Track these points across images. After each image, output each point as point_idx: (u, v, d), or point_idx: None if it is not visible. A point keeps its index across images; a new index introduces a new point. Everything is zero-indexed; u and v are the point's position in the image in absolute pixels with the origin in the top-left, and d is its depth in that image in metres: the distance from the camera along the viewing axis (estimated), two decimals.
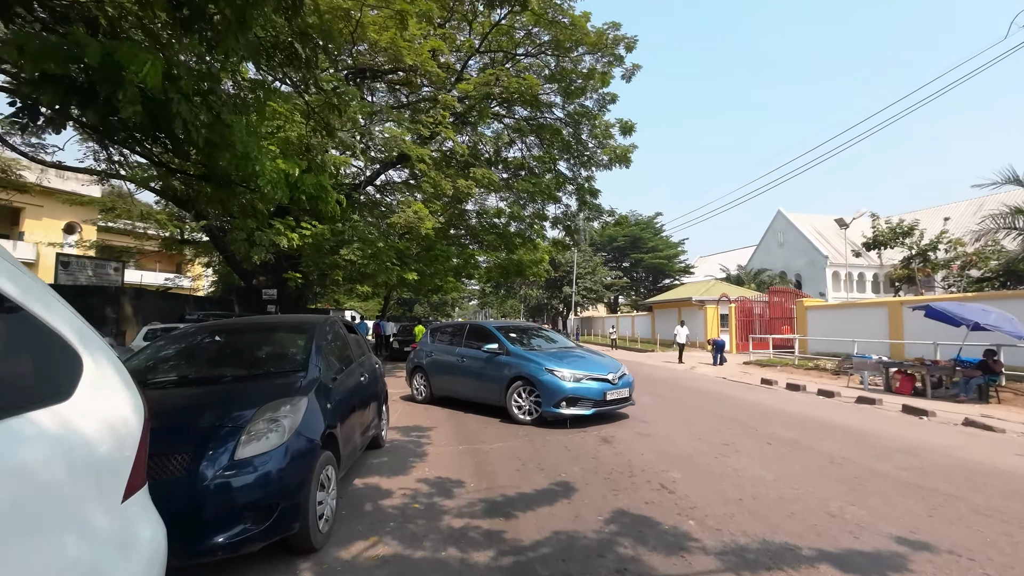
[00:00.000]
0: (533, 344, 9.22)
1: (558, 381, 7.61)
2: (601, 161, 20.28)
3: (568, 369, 7.78)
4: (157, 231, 24.49)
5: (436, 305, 58.66)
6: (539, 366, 7.85)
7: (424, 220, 13.05)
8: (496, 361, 8.48)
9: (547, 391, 7.60)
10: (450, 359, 9.43)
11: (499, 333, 8.89)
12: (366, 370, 5.56)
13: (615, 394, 7.91)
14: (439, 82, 14.95)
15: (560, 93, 19.52)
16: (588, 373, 7.84)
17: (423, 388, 10.03)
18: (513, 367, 8.16)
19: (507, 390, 8.14)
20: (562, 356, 8.36)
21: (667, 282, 51.01)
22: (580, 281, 41.17)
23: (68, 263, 17.92)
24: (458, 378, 9.24)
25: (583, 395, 7.60)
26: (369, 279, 14.89)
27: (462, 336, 9.62)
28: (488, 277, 29.48)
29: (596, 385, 7.75)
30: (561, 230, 21.80)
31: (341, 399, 4.35)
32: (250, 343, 4.53)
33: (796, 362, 17.98)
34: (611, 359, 8.89)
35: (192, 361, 4.26)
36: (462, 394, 9.21)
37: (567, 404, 7.53)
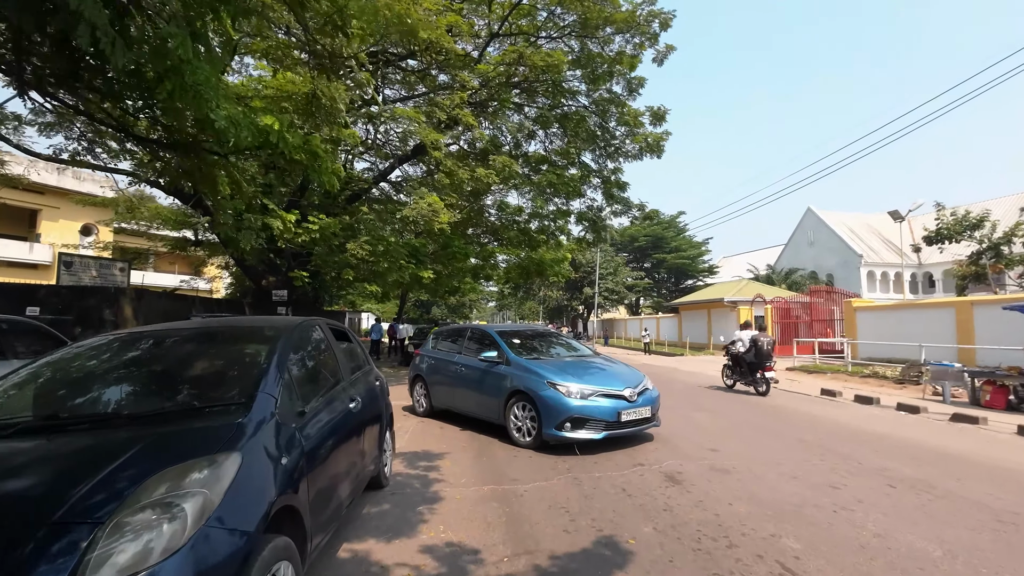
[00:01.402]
0: (541, 352, 7.83)
1: (561, 398, 6.21)
2: (629, 152, 18.65)
3: (575, 383, 6.37)
4: (170, 232, 23.64)
5: (454, 307, 57.33)
6: (540, 379, 6.50)
7: (439, 213, 11.59)
8: (495, 372, 7.16)
9: (548, 409, 6.23)
10: (449, 368, 8.14)
11: (500, 339, 7.57)
12: (360, 391, 4.08)
13: (632, 414, 6.41)
14: (456, 63, 13.54)
15: (585, 80, 17.98)
16: (599, 388, 6.40)
17: (423, 400, 8.77)
18: (513, 379, 6.82)
19: (505, 406, 6.84)
20: (571, 367, 6.98)
21: (690, 283, 48.99)
22: (601, 282, 39.40)
23: (71, 263, 16.88)
24: (457, 390, 7.95)
25: (592, 415, 6.17)
26: (380, 278, 13.50)
27: (463, 342, 8.30)
28: (507, 278, 28.05)
29: (608, 403, 6.30)
30: (586, 226, 20.19)
31: (316, 442, 2.88)
32: (180, 360, 3.02)
33: (849, 369, 16.09)
34: (632, 370, 7.38)
35: (80, 387, 2.80)
36: (460, 408, 7.95)
37: (572, 426, 6.14)
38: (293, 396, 2.87)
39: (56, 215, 28.88)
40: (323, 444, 3.00)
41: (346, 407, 3.56)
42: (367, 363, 4.90)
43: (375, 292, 30.46)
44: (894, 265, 40.51)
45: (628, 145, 18.25)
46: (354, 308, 37.66)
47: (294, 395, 2.89)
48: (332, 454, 3.14)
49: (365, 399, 4.12)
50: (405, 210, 12.01)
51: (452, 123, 14.44)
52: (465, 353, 8.00)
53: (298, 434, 2.70)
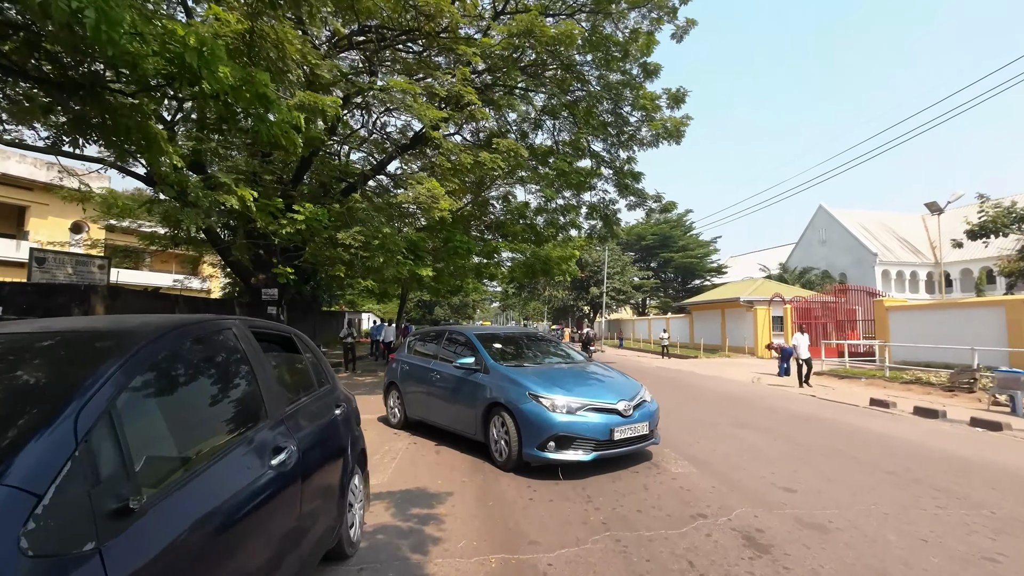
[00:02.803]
0: (526, 358, 6.81)
1: (544, 412, 5.24)
2: (645, 139, 17.17)
3: (561, 394, 5.39)
4: (159, 228, 22.29)
5: (457, 307, 55.90)
6: (521, 389, 5.53)
7: (439, 200, 10.12)
8: (472, 381, 6.21)
9: (528, 425, 5.26)
10: (424, 375, 7.15)
11: (479, 343, 6.62)
12: (306, 430, 2.64)
13: (627, 430, 5.38)
14: (459, 38, 12.11)
15: (597, 64, 16.53)
16: (589, 401, 5.40)
17: (397, 409, 7.75)
18: (491, 389, 5.85)
19: (483, 420, 5.85)
20: (558, 376, 6.00)
21: (697, 283, 47.43)
22: (608, 281, 37.87)
23: (44, 259, 15.49)
24: (432, 400, 6.97)
25: (580, 432, 5.19)
26: (376, 273, 12.06)
27: (440, 345, 7.33)
28: (511, 277, 26.63)
29: (599, 419, 5.30)
30: (597, 221, 18.70)
31: (175, 548, 1.44)
32: None
33: (887, 374, 14.56)
34: (627, 380, 6.34)
35: None
36: (435, 420, 6.95)
37: (557, 445, 5.17)
38: (113, 470, 1.42)
39: (45, 212, 27.60)
40: (213, 540, 1.56)
41: (261, 467, 2.10)
42: (327, 381, 3.44)
43: (375, 291, 29.10)
44: (910, 264, 38.91)
45: (644, 132, 16.77)
46: (354, 308, 36.26)
47: (116, 468, 1.43)
48: (232, 549, 1.70)
49: (312, 439, 2.66)
50: (401, 195, 10.51)
51: (454, 104, 13.00)
52: (442, 358, 7.02)
53: (137, 538, 1.27)
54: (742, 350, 24.93)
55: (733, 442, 6.76)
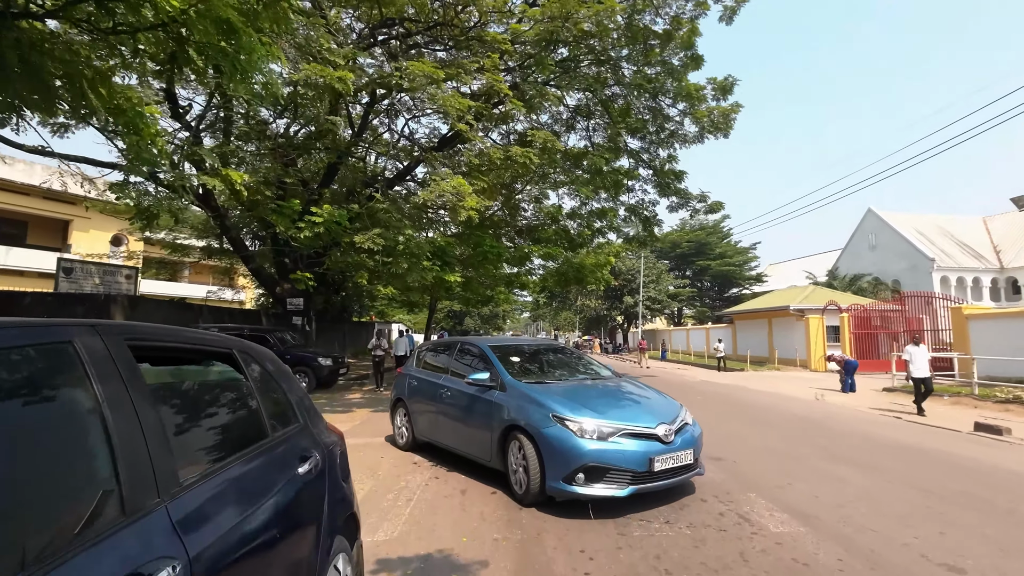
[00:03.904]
0: (547, 373, 6.01)
1: (571, 438, 4.41)
2: (688, 135, 15.80)
3: (590, 417, 4.55)
4: (195, 241, 22.11)
5: (487, 318, 54.91)
6: (543, 410, 4.70)
7: (465, 198, 9.02)
8: (486, 399, 5.37)
9: (553, 452, 4.45)
10: (433, 391, 6.32)
11: (493, 356, 5.80)
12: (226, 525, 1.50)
13: (669, 460, 4.49)
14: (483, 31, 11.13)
15: (633, 60, 15.30)
16: (623, 424, 4.53)
17: (404, 429, 6.90)
18: (509, 409, 5.02)
19: (500, 445, 5.03)
20: (585, 394, 5.17)
21: (735, 291, 45.14)
22: (643, 290, 36.13)
23: (71, 269, 15.22)
24: (442, 419, 6.11)
25: (613, 462, 4.34)
26: (398, 280, 11.06)
27: (451, 358, 6.48)
28: (543, 286, 25.43)
29: (635, 446, 4.43)
30: (637, 222, 17.33)
31: None
32: None
33: (976, 391, 12.63)
34: (664, 398, 5.37)
35: None
36: (445, 443, 6.11)
37: (587, 478, 4.33)
38: None
39: (87, 225, 27.95)
40: None
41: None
42: (294, 418, 2.30)
43: (398, 299, 28.31)
44: (972, 270, 35.86)
45: (687, 126, 15.41)
46: (383, 319, 35.65)
47: None
48: None
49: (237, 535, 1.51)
50: (424, 193, 9.47)
51: (484, 98, 11.99)
52: (453, 372, 6.20)
53: None
54: (792, 362, 22.92)
55: (835, 484, 5.31)
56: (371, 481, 5.40)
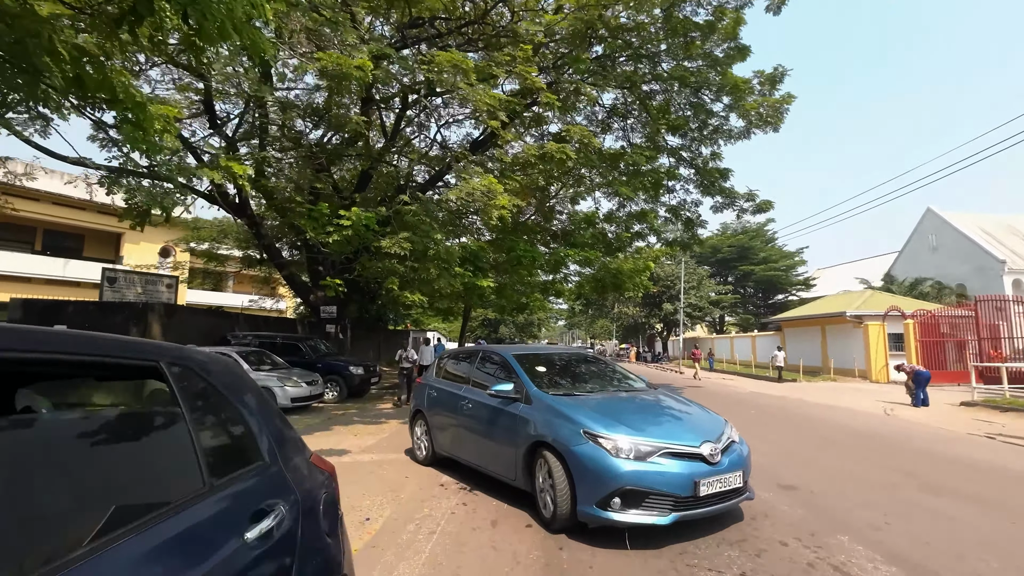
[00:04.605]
0: (576, 385, 5.48)
1: (604, 457, 3.92)
2: (732, 130, 14.78)
3: (626, 433, 4.04)
4: (237, 251, 22.46)
5: (522, 326, 54.23)
6: (573, 426, 4.23)
7: (496, 196, 8.41)
8: (509, 412, 4.91)
9: (585, 473, 3.96)
10: (453, 403, 5.86)
11: (518, 365, 5.33)
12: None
13: (716, 483, 3.94)
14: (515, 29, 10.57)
15: (673, 54, 14.46)
16: (663, 443, 4.01)
17: (423, 442, 6.47)
18: (535, 424, 4.56)
19: (526, 463, 4.56)
20: (618, 408, 4.68)
21: (781, 297, 42.91)
22: (683, 296, 34.63)
23: (115, 278, 15.48)
24: (463, 433, 5.66)
25: (653, 486, 3.81)
26: (427, 286, 10.55)
27: (473, 368, 6.05)
28: (579, 293, 24.59)
29: (678, 467, 3.91)
30: (679, 224, 16.35)
31: None
32: None
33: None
34: (706, 413, 4.84)
35: None
36: (466, 458, 5.66)
37: (624, 502, 3.81)
38: None
39: (138, 238, 28.86)
40: None
41: None
42: (257, 456, 1.68)
43: (438, 309, 27.98)
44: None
45: (732, 121, 14.41)
46: (419, 327, 35.50)
47: None
48: None
49: None
50: (453, 190, 8.94)
51: (519, 94, 11.40)
52: (475, 383, 5.77)
53: None
54: (850, 373, 21.20)
55: (945, 524, 4.35)
56: (392, 506, 4.80)
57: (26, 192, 20.19)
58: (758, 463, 6.42)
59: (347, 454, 7.03)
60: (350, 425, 9.50)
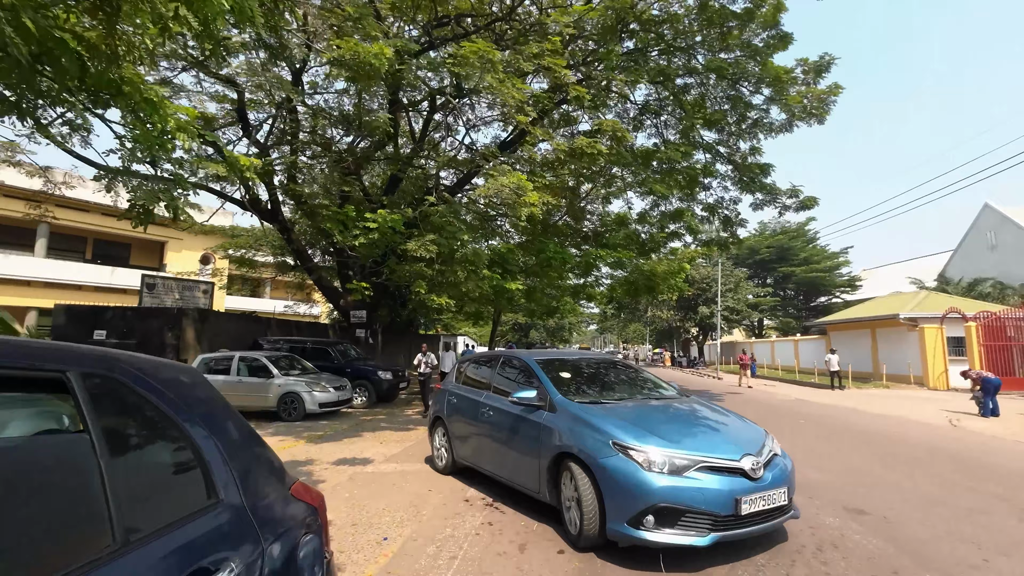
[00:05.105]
0: (603, 392, 5.12)
1: (635, 471, 3.58)
2: (773, 123, 13.97)
3: (658, 445, 3.70)
4: (271, 258, 22.84)
5: (553, 330, 53.58)
6: (601, 436, 3.89)
7: (525, 192, 8.02)
8: (532, 421, 4.62)
9: (614, 488, 3.63)
10: (474, 410, 5.59)
11: (540, 371, 5.03)
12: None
13: (759, 500, 3.57)
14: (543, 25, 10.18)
15: (708, 45, 13.80)
16: (699, 456, 3.66)
17: (444, 450, 6.17)
18: (559, 433, 4.25)
19: (551, 475, 4.25)
20: (649, 417, 4.31)
21: (824, 300, 40.90)
22: (720, 300, 33.33)
23: (154, 285, 15.84)
24: (484, 442, 5.39)
25: (690, 503, 3.46)
26: (454, 289, 10.23)
27: (494, 373, 5.76)
28: (611, 297, 23.90)
29: (717, 483, 3.55)
30: (716, 223, 15.58)
31: None
32: None
33: None
34: (744, 423, 4.46)
35: None
36: (486, 468, 5.36)
37: (657, 521, 3.47)
38: None
39: (180, 246, 29.90)
40: None
41: None
42: (213, 488, 1.31)
43: (468, 313, 27.77)
44: None
45: (772, 114, 13.62)
46: (449, 331, 35.39)
47: None
48: None
49: None
50: (480, 188, 8.61)
51: (550, 89, 11.01)
52: (496, 389, 5.49)
53: None
54: (904, 379, 19.78)
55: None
56: (412, 524, 4.42)
57: (77, 203, 21.01)
58: (816, 481, 5.78)
59: (370, 463, 6.73)
60: (377, 431, 9.25)
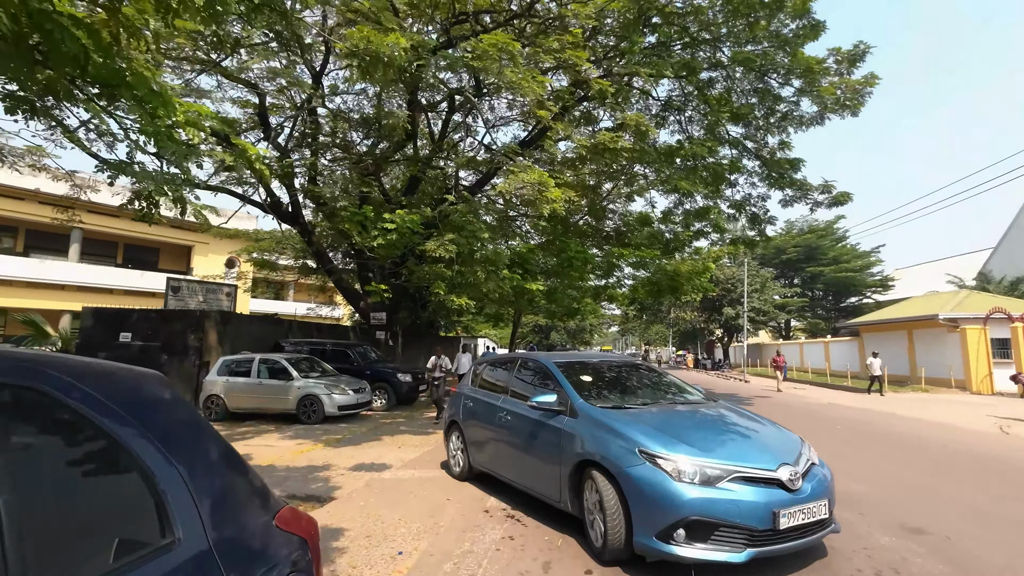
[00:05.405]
0: (626, 396, 4.82)
1: (663, 481, 3.34)
2: (803, 116, 13.38)
3: (688, 453, 3.46)
4: (294, 261, 23.04)
5: (573, 332, 53.05)
6: (626, 443, 3.65)
7: (547, 188, 7.73)
8: (552, 426, 4.37)
9: (641, 499, 3.39)
10: (490, 414, 5.35)
11: (560, 374, 4.79)
12: None
13: (798, 513, 3.30)
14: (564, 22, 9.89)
15: (733, 40, 13.31)
16: (732, 465, 3.40)
17: (459, 455, 5.97)
18: (581, 440, 4.01)
19: (572, 483, 4.02)
20: (676, 423, 4.06)
21: (854, 300, 39.51)
22: (746, 299, 32.40)
23: (178, 288, 16.01)
24: (501, 448, 5.16)
25: (724, 516, 3.19)
26: (473, 289, 9.99)
27: (512, 376, 5.50)
28: (633, 298, 23.37)
29: (752, 495, 3.27)
30: (744, 220, 15.03)
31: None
32: None
33: None
34: (778, 429, 4.15)
35: None
36: (504, 475, 5.14)
37: (688, 534, 3.21)
38: None
39: (206, 250, 30.47)
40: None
41: None
42: (169, 525, 1.06)
43: (489, 315, 27.57)
44: None
45: (803, 106, 13.05)
46: (469, 333, 35.24)
47: None
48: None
49: None
50: (501, 185, 8.36)
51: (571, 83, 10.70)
52: (512, 393, 5.26)
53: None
54: (944, 382, 18.82)
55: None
56: (429, 537, 4.17)
57: (108, 209, 21.49)
58: (863, 495, 5.33)
59: (388, 469, 6.52)
60: (396, 435, 9.06)
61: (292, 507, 1.49)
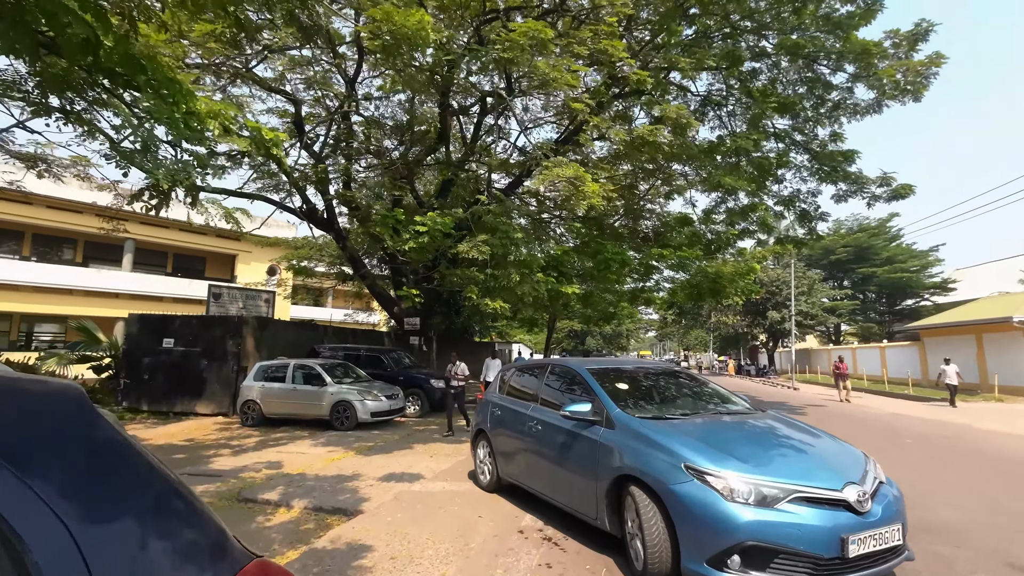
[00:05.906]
0: (666, 406, 4.44)
1: (714, 500, 2.96)
2: (858, 104, 12.43)
3: (739, 470, 3.06)
4: (329, 268, 23.37)
5: (610, 337, 51.98)
6: (670, 457, 3.28)
7: (584, 183, 7.29)
8: (587, 438, 4.01)
9: (689, 520, 3.02)
10: (520, 424, 5.05)
11: (594, 382, 4.43)
12: None
13: (869, 539, 2.88)
14: None
15: (778, 27, 12.54)
16: (792, 484, 3.00)
17: (487, 465, 5.70)
18: (621, 453, 3.64)
19: (610, 500, 3.66)
20: (724, 435, 3.66)
21: (910, 303, 37.02)
22: (793, 302, 30.78)
23: (219, 294, 16.35)
24: (531, 459, 4.82)
25: (786, 542, 2.79)
26: (507, 292, 9.62)
27: (541, 383, 5.16)
28: (671, 302, 22.55)
29: (817, 517, 2.88)
30: (792, 217, 14.10)
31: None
32: None
33: None
34: (838, 443, 3.72)
35: None
36: (535, 487, 4.79)
37: (745, 561, 2.82)
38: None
39: (249, 258, 31.33)
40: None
41: None
42: None
43: (523, 320, 27.21)
44: None
45: (857, 93, 12.12)
46: (504, 339, 34.93)
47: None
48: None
49: None
50: (534, 180, 7.99)
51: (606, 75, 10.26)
52: (543, 402, 4.94)
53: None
54: (1021, 391, 17.16)
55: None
56: (458, 560, 3.78)
57: (158, 221, 22.35)
58: (956, 524, 4.60)
59: (419, 480, 6.19)
60: (428, 444, 8.76)
61: (263, 561, 1.12)
